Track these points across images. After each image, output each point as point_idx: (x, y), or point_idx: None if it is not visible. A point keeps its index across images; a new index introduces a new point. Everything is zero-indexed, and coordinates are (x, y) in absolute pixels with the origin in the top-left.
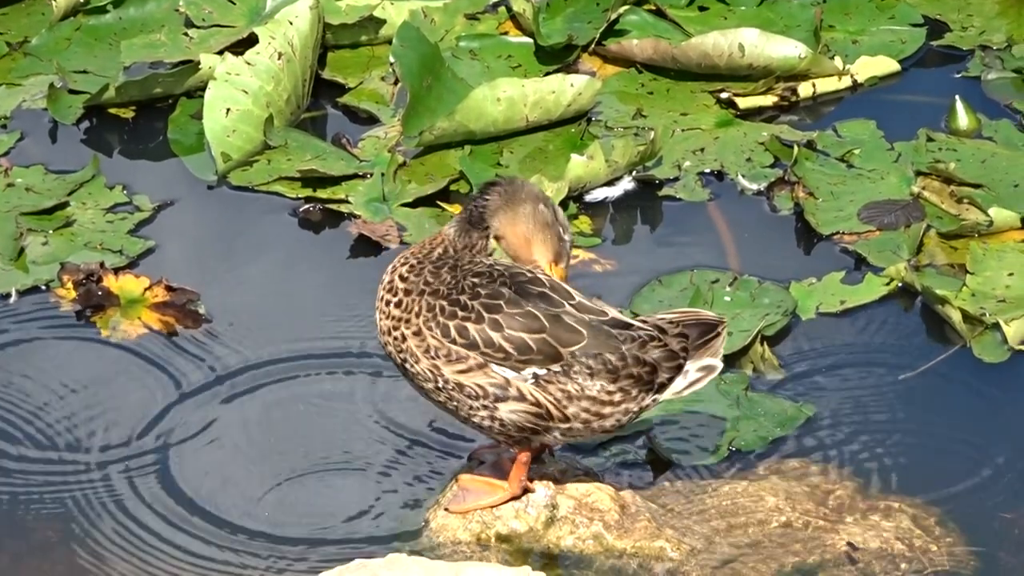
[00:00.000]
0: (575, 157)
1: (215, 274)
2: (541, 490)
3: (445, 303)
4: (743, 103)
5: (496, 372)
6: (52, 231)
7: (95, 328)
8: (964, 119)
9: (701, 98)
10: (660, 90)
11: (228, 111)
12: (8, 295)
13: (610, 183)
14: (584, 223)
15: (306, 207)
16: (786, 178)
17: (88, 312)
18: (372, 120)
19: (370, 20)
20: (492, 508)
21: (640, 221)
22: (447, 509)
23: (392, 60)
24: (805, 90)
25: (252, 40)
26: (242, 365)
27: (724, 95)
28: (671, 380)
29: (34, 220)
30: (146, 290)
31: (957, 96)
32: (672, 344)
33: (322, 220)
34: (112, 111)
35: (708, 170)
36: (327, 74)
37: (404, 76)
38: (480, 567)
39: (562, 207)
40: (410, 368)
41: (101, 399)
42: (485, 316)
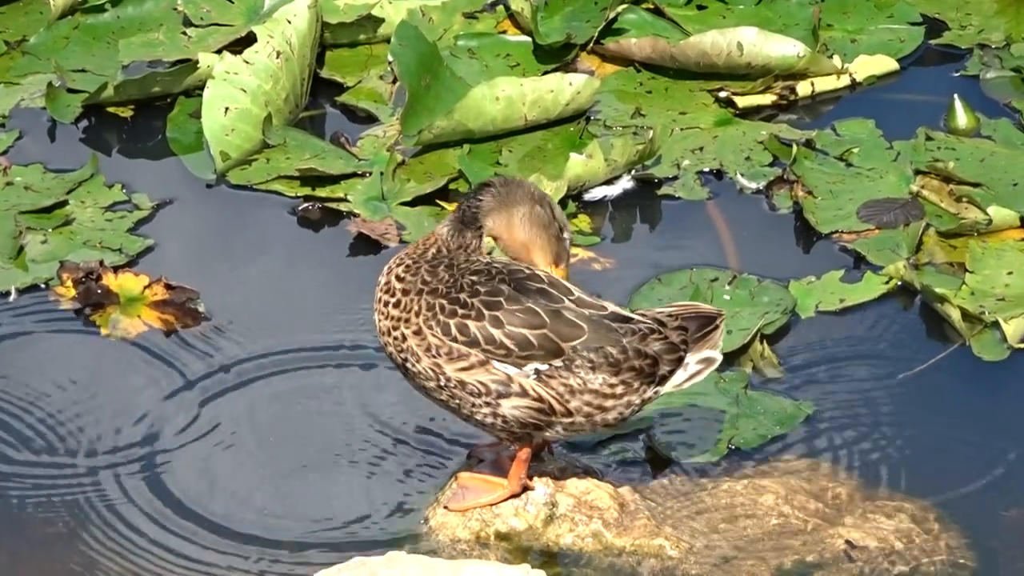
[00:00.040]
0: (574, 156)
1: (214, 272)
2: (540, 488)
3: (445, 301)
4: (742, 102)
5: (498, 369)
6: (51, 229)
7: (94, 326)
8: (963, 118)
9: (700, 97)
10: (659, 89)
11: (227, 110)
12: (8, 293)
13: (609, 182)
14: (583, 222)
15: (305, 206)
16: (785, 177)
17: (87, 310)
18: (371, 119)
19: (368, 19)
20: (491, 506)
21: (639, 220)
22: (447, 507)
23: (390, 59)
24: (804, 89)
25: (250, 39)
26: (241, 363)
27: (723, 94)
28: (672, 372)
29: (33, 219)
30: (145, 288)
31: (956, 95)
32: (672, 336)
33: (321, 219)
34: (111, 110)
35: (707, 169)
36: (326, 73)
37: (402, 75)
38: (480, 565)
39: (561, 206)
40: (411, 367)
41: (100, 397)
42: (485, 313)
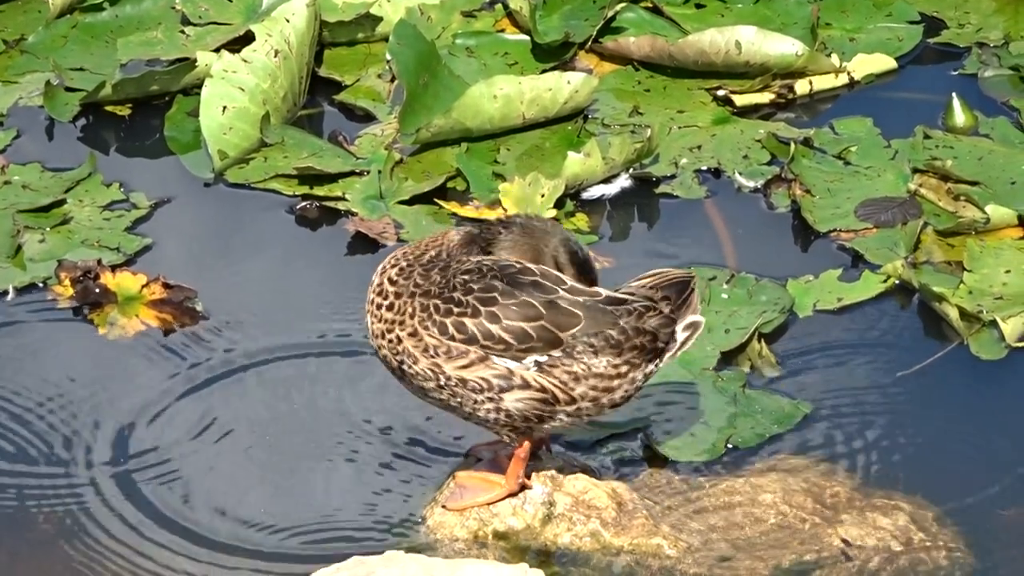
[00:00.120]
0: (572, 154)
1: (212, 271)
2: (538, 487)
3: (439, 301)
4: (740, 100)
5: (498, 363)
6: (49, 228)
7: (92, 325)
8: (961, 116)
9: (698, 95)
10: (657, 87)
11: (225, 108)
12: (5, 292)
13: (607, 180)
14: (581, 220)
15: (303, 204)
16: (783, 175)
17: (85, 309)
18: (369, 117)
19: (367, 17)
20: (489, 505)
21: (637, 218)
22: (444, 506)
23: (389, 57)
24: (802, 87)
25: (249, 37)
26: (239, 362)
27: (721, 92)
28: (668, 344)
29: (31, 217)
30: (143, 287)
31: (954, 93)
32: (664, 309)
33: (319, 217)
34: (109, 108)
35: (705, 167)
36: (324, 71)
37: (401, 73)
38: (477, 564)
39: (559, 205)
40: (408, 369)
41: (98, 396)
42: (481, 309)
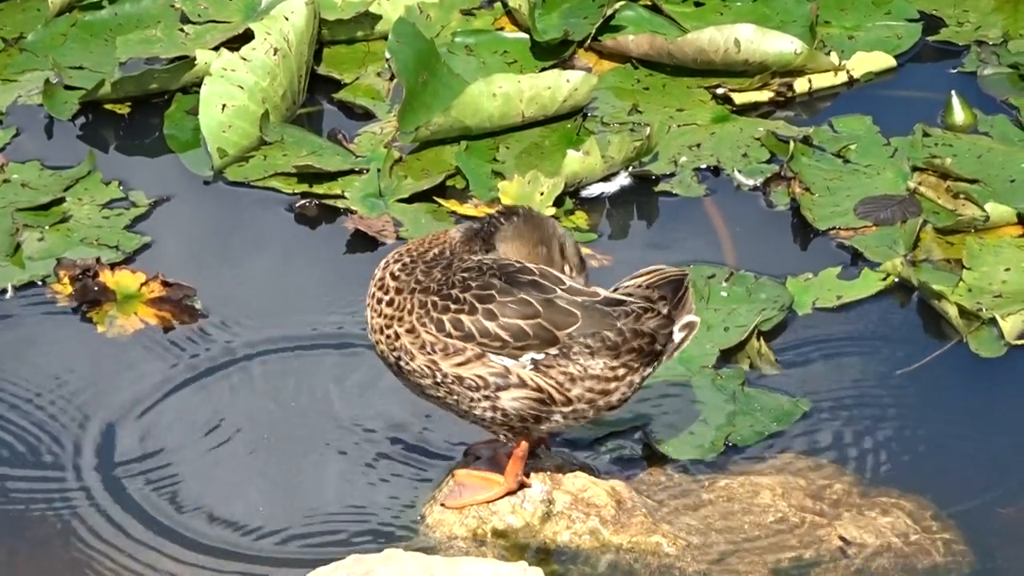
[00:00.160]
0: (571, 153)
1: (211, 269)
2: (537, 485)
3: (437, 298)
4: (739, 99)
5: (494, 361)
6: (48, 227)
7: (91, 323)
8: (960, 114)
9: (697, 94)
10: (656, 86)
11: (224, 107)
12: (4, 291)
13: (606, 179)
14: (580, 218)
15: (302, 203)
16: (782, 173)
17: (84, 307)
18: (368, 116)
19: (366, 16)
20: (488, 503)
21: (636, 217)
22: (443, 505)
23: (388, 56)
24: (801, 86)
25: (248, 36)
26: (238, 360)
27: (720, 91)
28: (666, 346)
29: (30, 216)
30: (142, 285)
31: (953, 91)
32: (662, 310)
33: (318, 216)
34: (108, 107)
35: (704, 166)
36: (323, 70)
37: (400, 72)
38: (476, 562)
39: (558, 203)
40: (405, 366)
41: (97, 394)
42: (478, 307)
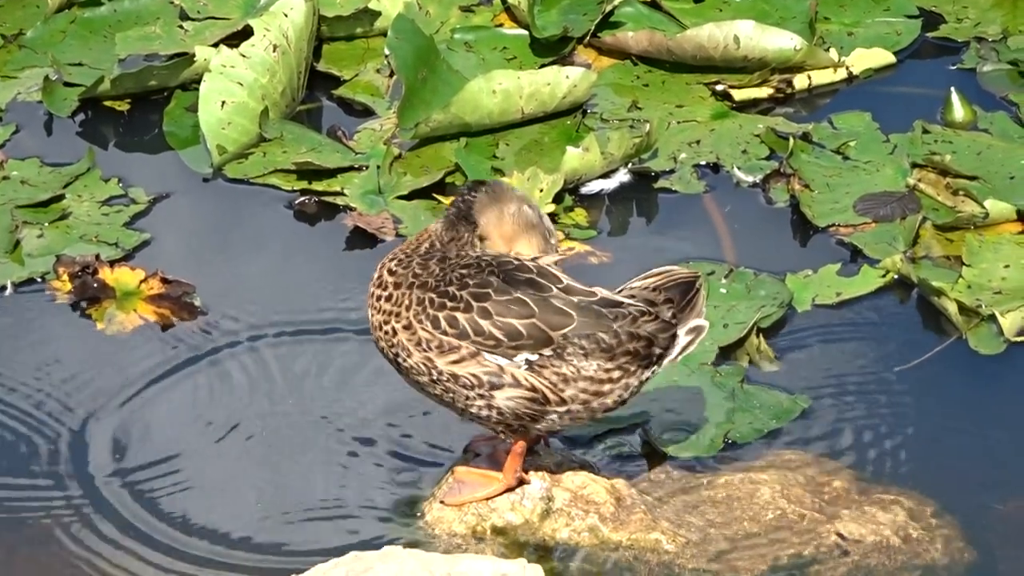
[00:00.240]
0: (571, 149)
1: (211, 267)
2: (537, 482)
3: (434, 295)
4: (738, 95)
5: (489, 360)
6: (48, 224)
7: (91, 320)
8: (960, 111)
9: (696, 90)
10: (655, 82)
11: (223, 104)
12: (4, 288)
13: (606, 175)
14: (580, 215)
15: (302, 200)
16: (782, 170)
17: (84, 304)
18: (367, 112)
19: (365, 12)
20: (488, 500)
21: (636, 213)
22: (443, 502)
23: (387, 52)
24: (800, 82)
25: (247, 32)
26: (237, 357)
27: (719, 87)
28: (667, 349)
29: (30, 213)
30: (141, 282)
31: (953, 88)
32: (663, 314)
33: (318, 213)
34: (107, 104)
35: (704, 162)
36: (322, 66)
37: (399, 68)
38: (476, 559)
39: (557, 199)
40: (403, 362)
41: (96, 391)
42: (474, 305)
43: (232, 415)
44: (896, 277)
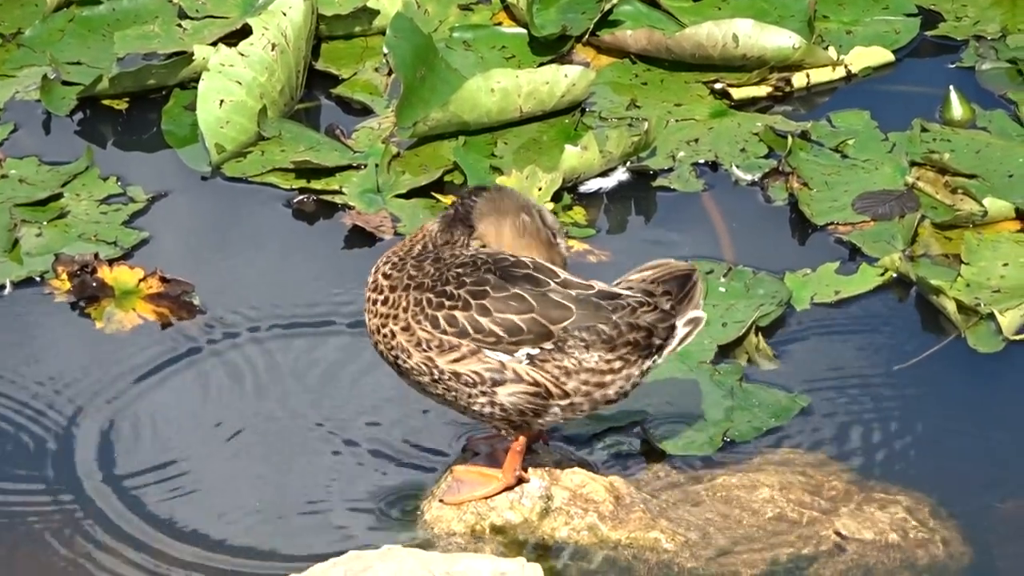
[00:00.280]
0: (569, 148)
1: (209, 265)
2: (536, 481)
3: (431, 295)
4: (737, 94)
5: (490, 357)
6: (46, 222)
7: (89, 319)
8: (958, 109)
9: (695, 89)
10: (654, 81)
11: (222, 102)
12: (2, 286)
13: (604, 174)
14: (578, 214)
15: (300, 198)
16: (780, 168)
17: (82, 303)
18: (366, 111)
19: (364, 11)
20: (487, 499)
21: (634, 212)
22: (442, 501)
23: (386, 51)
24: (799, 80)
25: (246, 31)
26: (236, 356)
27: (718, 85)
28: (667, 340)
29: (28, 211)
30: (140, 281)
31: (951, 86)
32: (662, 304)
33: (316, 211)
34: (106, 102)
35: (702, 161)
36: (321, 65)
37: (398, 67)
38: (474, 558)
39: (556, 198)
40: (403, 364)
41: (95, 390)
42: (472, 303)
43: (231, 414)
44: (895, 275)
